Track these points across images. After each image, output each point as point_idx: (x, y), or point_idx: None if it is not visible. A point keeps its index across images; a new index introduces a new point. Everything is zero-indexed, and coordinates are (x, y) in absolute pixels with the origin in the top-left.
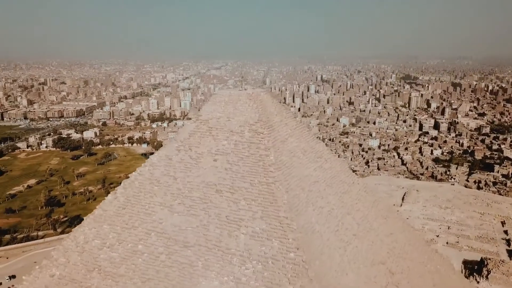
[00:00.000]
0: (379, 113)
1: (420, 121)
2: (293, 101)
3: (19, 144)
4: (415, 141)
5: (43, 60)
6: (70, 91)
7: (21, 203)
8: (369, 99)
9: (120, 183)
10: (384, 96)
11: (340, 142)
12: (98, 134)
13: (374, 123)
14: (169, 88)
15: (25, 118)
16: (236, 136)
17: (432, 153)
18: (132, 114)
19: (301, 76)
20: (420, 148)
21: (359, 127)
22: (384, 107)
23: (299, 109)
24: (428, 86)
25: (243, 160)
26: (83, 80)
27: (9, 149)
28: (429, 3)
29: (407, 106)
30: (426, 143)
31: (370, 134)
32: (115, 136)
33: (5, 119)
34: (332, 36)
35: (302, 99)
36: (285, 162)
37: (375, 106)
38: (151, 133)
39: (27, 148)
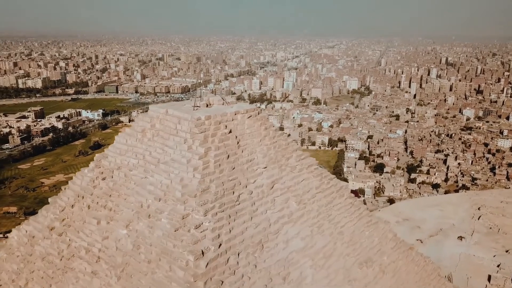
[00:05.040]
0: None
1: None
2: (409, 86)
3: (123, 118)
4: None
5: (167, 36)
6: (182, 67)
7: None
8: (503, 88)
9: None
10: None
11: (460, 139)
12: None
13: (508, 118)
14: (276, 67)
15: (136, 92)
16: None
17: None
18: (234, 93)
19: (422, 57)
20: None
21: (487, 122)
22: None
23: (414, 96)
24: None
25: None
26: (196, 57)
27: (113, 123)
28: None
29: None
30: None
31: (501, 132)
32: None
33: (119, 91)
34: (464, 13)
35: (420, 84)
36: None
37: (510, 97)
38: None
39: (129, 122)
